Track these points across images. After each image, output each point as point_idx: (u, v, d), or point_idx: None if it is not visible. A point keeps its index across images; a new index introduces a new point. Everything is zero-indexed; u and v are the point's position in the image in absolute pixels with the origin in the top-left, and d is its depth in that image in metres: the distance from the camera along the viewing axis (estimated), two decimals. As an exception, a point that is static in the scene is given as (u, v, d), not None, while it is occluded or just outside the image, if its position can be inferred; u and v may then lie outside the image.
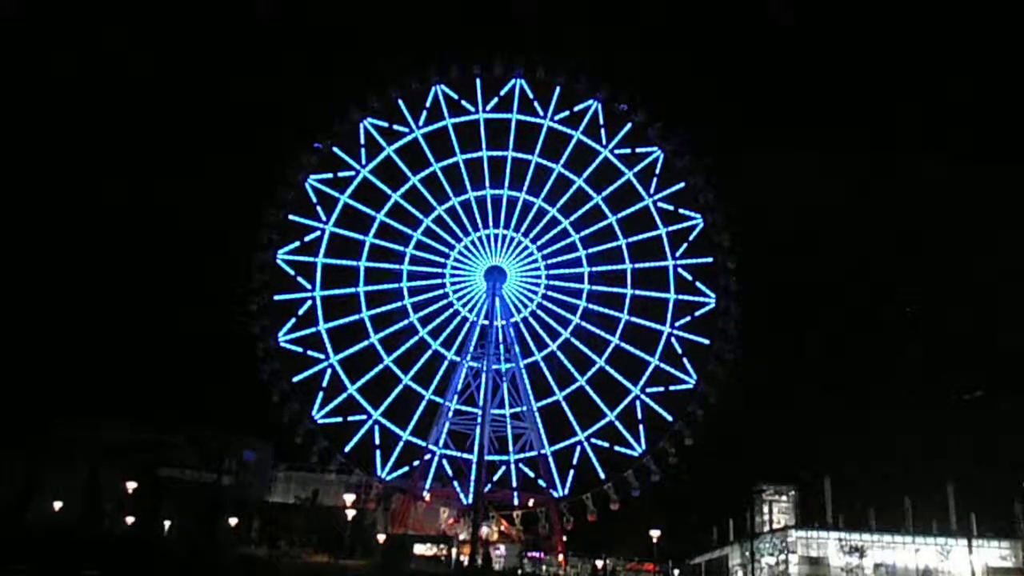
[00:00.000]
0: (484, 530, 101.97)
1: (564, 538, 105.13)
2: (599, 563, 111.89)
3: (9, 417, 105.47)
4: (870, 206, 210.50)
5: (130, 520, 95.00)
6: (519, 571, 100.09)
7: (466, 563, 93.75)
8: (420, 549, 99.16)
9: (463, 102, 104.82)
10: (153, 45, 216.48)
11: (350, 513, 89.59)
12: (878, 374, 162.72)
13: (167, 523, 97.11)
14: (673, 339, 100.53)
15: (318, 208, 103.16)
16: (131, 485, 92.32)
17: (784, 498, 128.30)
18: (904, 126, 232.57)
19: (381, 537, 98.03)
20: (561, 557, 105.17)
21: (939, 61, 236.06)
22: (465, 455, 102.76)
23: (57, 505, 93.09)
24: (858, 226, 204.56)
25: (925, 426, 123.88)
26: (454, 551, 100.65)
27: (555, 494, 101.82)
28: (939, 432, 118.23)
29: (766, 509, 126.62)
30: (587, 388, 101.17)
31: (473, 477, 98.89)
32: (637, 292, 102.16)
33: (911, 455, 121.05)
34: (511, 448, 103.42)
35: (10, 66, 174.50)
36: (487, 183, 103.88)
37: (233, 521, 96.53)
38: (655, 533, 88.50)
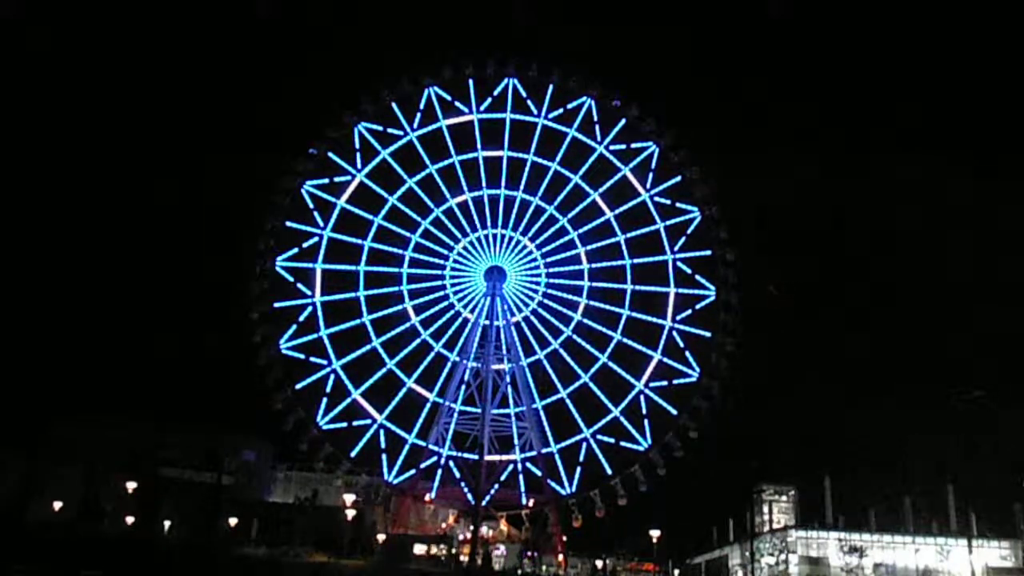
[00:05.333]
0: (484, 530, 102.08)
1: (564, 538, 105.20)
2: (599, 563, 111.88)
3: (9, 417, 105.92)
4: (871, 204, 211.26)
5: (130, 520, 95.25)
6: (519, 571, 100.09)
7: (466, 563, 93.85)
8: (420, 549, 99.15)
9: (457, 103, 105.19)
10: (151, 47, 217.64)
11: (350, 513, 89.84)
12: (879, 373, 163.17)
13: (167, 523, 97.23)
14: (675, 333, 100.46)
15: (315, 214, 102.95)
16: (131, 485, 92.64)
17: (784, 498, 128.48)
18: (903, 125, 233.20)
19: (381, 537, 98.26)
20: (561, 557, 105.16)
21: (937, 60, 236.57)
22: (470, 456, 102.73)
23: (57, 505, 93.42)
24: (857, 224, 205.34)
25: (925, 426, 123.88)
26: (454, 551, 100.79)
27: (562, 492, 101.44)
28: (939, 432, 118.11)
29: (766, 509, 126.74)
30: (591, 385, 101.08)
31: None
32: (637, 287, 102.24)
33: (911, 455, 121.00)
34: (516, 448, 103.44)
35: (10, 66, 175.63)
36: (484, 183, 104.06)
37: (233, 521, 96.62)
38: (655, 533, 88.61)
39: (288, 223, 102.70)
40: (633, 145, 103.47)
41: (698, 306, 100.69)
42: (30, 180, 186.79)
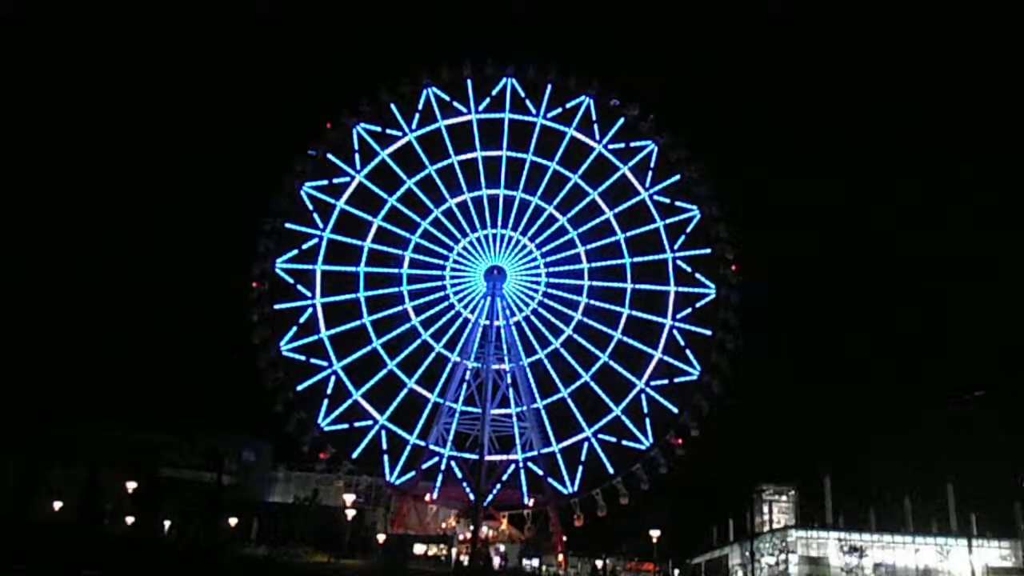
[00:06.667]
0: (485, 530, 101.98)
1: (564, 538, 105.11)
2: (599, 563, 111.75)
3: (9, 417, 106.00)
4: (870, 204, 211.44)
5: (130, 520, 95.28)
6: (519, 571, 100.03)
7: (466, 563, 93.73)
8: (420, 549, 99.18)
9: (455, 103, 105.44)
10: (151, 47, 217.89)
11: (350, 513, 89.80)
12: (879, 373, 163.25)
13: (167, 523, 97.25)
14: (675, 331, 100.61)
15: (315, 215, 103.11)
16: (131, 485, 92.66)
17: (784, 498, 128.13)
18: (903, 125, 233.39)
19: (381, 537, 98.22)
20: (561, 557, 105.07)
21: (937, 60, 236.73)
22: (471, 456, 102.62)
23: (57, 505, 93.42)
24: (858, 224, 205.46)
25: (925, 426, 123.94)
26: (454, 551, 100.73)
27: (564, 491, 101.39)
28: (939, 432, 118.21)
29: (766, 509, 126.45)
30: (592, 384, 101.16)
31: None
32: (637, 286, 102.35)
33: (911, 455, 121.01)
34: (518, 448, 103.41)
35: (10, 66, 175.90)
36: (483, 183, 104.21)
37: (233, 521, 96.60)
38: (655, 533, 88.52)
39: (288, 224, 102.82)
40: (632, 144, 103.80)
41: (698, 304, 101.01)
42: (30, 181, 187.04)
